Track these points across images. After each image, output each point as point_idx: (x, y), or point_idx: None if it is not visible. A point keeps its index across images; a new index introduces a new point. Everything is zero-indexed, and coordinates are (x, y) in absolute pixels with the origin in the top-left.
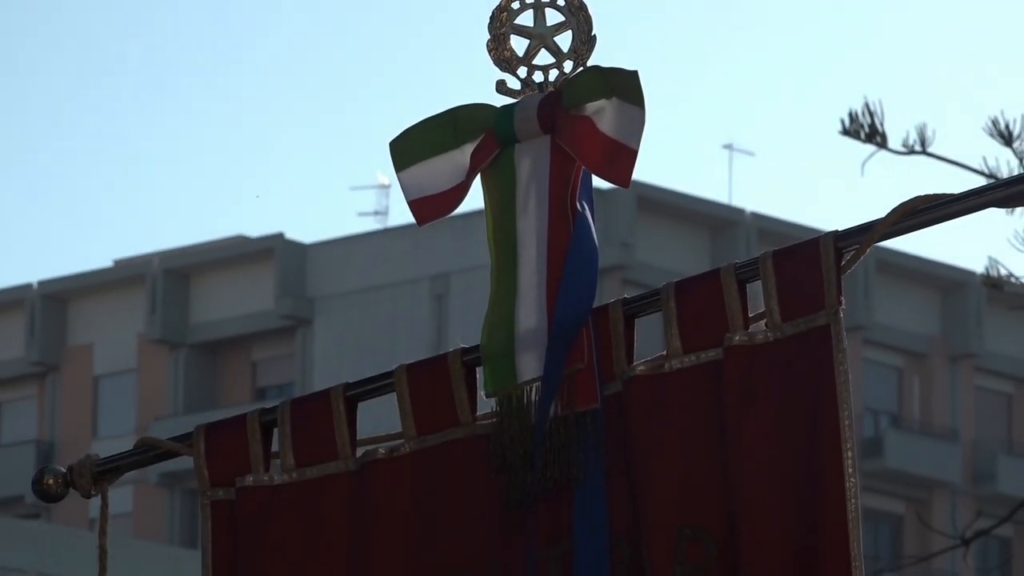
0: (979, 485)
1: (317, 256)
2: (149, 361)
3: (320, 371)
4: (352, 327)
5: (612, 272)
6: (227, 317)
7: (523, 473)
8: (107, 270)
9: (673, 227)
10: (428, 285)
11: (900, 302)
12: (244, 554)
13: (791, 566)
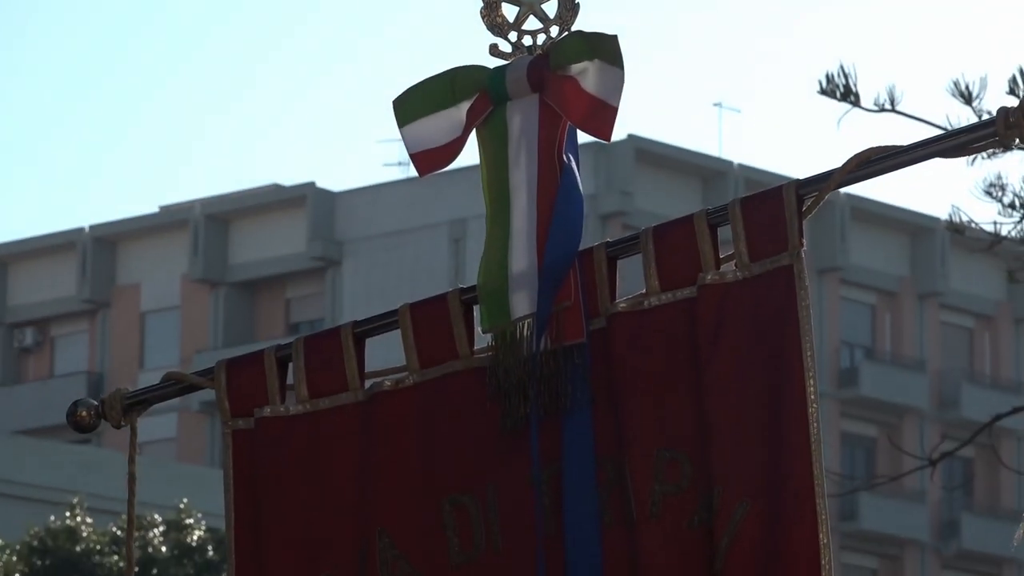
0: (944, 411)
1: (345, 203)
2: (191, 299)
3: (348, 308)
4: (377, 268)
5: (614, 218)
6: (263, 258)
7: (517, 401)
8: (153, 215)
9: (668, 177)
10: (447, 230)
11: (873, 246)
12: (262, 479)
13: (759, 483)
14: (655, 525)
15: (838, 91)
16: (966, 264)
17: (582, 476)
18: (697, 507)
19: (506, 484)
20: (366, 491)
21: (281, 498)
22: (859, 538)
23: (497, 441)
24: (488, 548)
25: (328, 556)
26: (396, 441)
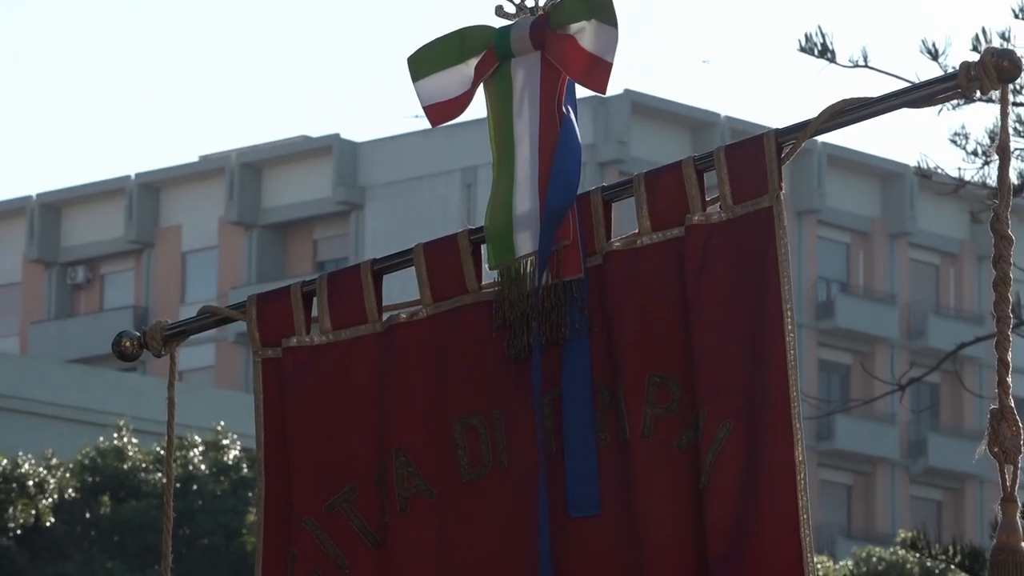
0: (913, 340)
1: (367, 152)
2: (227, 240)
3: (370, 248)
4: (396, 211)
5: (611, 165)
6: (292, 203)
7: (521, 332)
8: (193, 163)
9: (661, 128)
10: (459, 176)
11: (847, 190)
12: (289, 403)
13: (741, 405)
14: (647, 444)
15: (816, 49)
16: (933, 206)
17: (580, 400)
18: (685, 428)
19: (511, 407)
20: (384, 413)
21: (307, 420)
22: (835, 456)
23: (503, 368)
24: (495, 466)
25: (349, 472)
26: (411, 368)
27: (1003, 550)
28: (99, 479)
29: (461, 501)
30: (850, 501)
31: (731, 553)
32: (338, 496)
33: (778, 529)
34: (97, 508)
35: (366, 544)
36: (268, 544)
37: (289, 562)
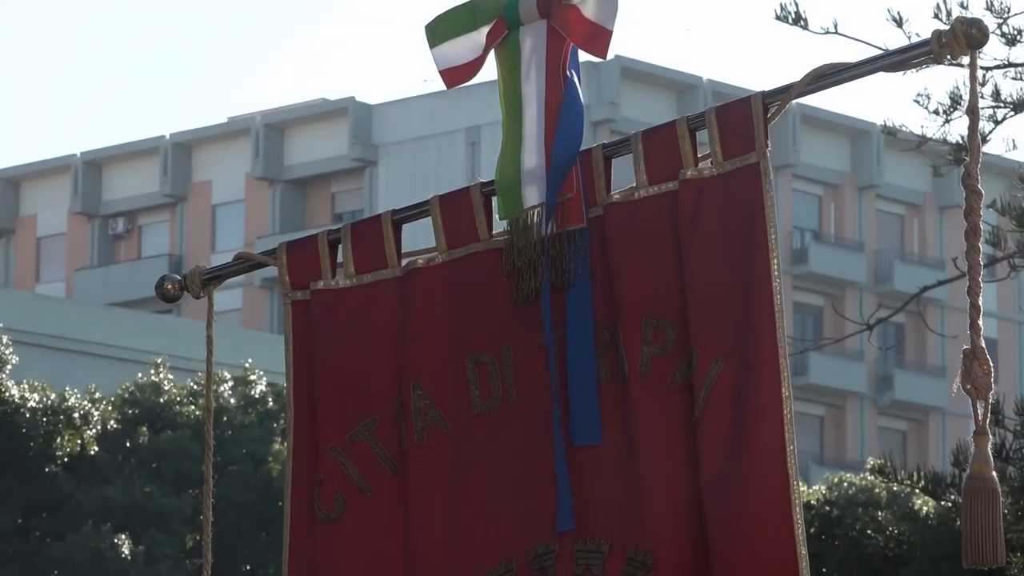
0: (880, 284)
1: (380, 113)
2: (253, 193)
3: (382, 201)
4: (406, 166)
5: (603, 124)
6: (312, 160)
7: (528, 277)
8: (221, 124)
9: (648, 90)
10: (464, 135)
11: (820, 146)
12: (316, 342)
13: (731, 345)
14: (644, 381)
15: (790, 17)
16: (898, 161)
17: (583, 340)
18: (679, 365)
19: (518, 346)
20: (403, 351)
21: (332, 357)
22: (808, 391)
23: (511, 310)
24: (504, 399)
25: (371, 404)
26: (427, 309)
27: (976, 479)
28: (138, 412)
29: (473, 432)
30: (823, 431)
31: (722, 479)
32: (361, 426)
33: (766, 458)
34: (136, 438)
35: (386, 470)
36: (297, 470)
37: (315, 486)
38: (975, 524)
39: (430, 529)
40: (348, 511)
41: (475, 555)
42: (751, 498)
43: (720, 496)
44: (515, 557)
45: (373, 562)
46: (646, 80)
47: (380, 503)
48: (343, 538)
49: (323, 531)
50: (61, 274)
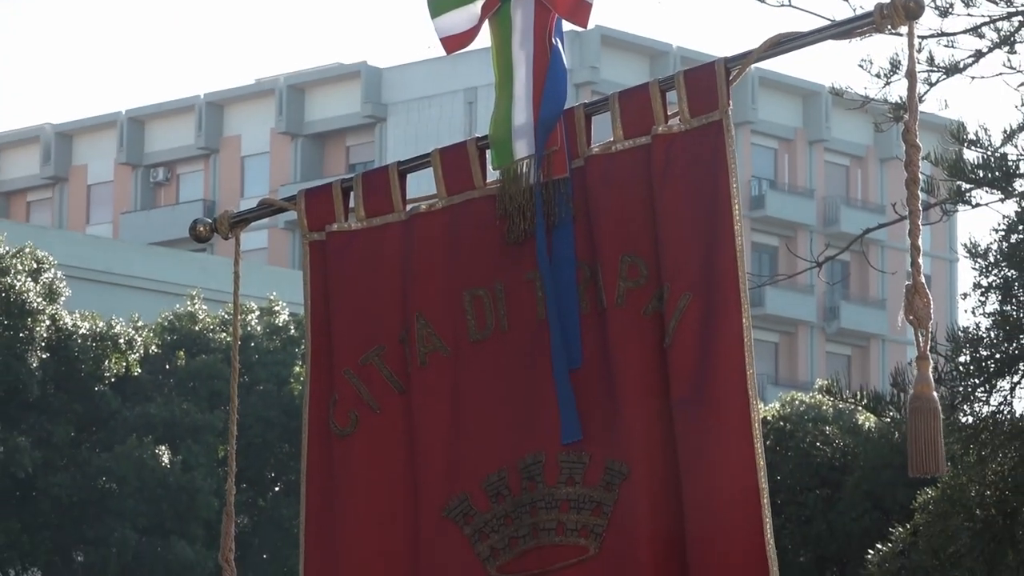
0: (828, 227)
1: (389, 76)
2: (277, 146)
3: (391, 153)
4: (412, 123)
5: (584, 86)
6: (329, 116)
7: (518, 220)
8: (249, 85)
9: (624, 56)
10: (462, 95)
11: (776, 105)
12: (331, 278)
13: (699, 280)
14: (620, 312)
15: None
16: (844, 118)
17: (566, 274)
18: (651, 298)
19: (510, 281)
20: (407, 286)
21: (345, 291)
22: (765, 320)
23: (503, 250)
24: (497, 328)
25: (380, 332)
26: (429, 248)
27: (919, 398)
28: (176, 338)
29: (470, 357)
30: (777, 356)
31: (691, 397)
32: (370, 351)
33: (729, 379)
34: (174, 361)
35: (393, 391)
36: (314, 391)
37: (331, 406)
38: (918, 438)
39: (432, 442)
40: (360, 427)
41: (472, 464)
42: (716, 415)
43: (688, 413)
44: (507, 466)
45: (382, 471)
46: (623, 47)
47: (388, 419)
48: (356, 451)
49: (338, 445)
50: (108, 217)
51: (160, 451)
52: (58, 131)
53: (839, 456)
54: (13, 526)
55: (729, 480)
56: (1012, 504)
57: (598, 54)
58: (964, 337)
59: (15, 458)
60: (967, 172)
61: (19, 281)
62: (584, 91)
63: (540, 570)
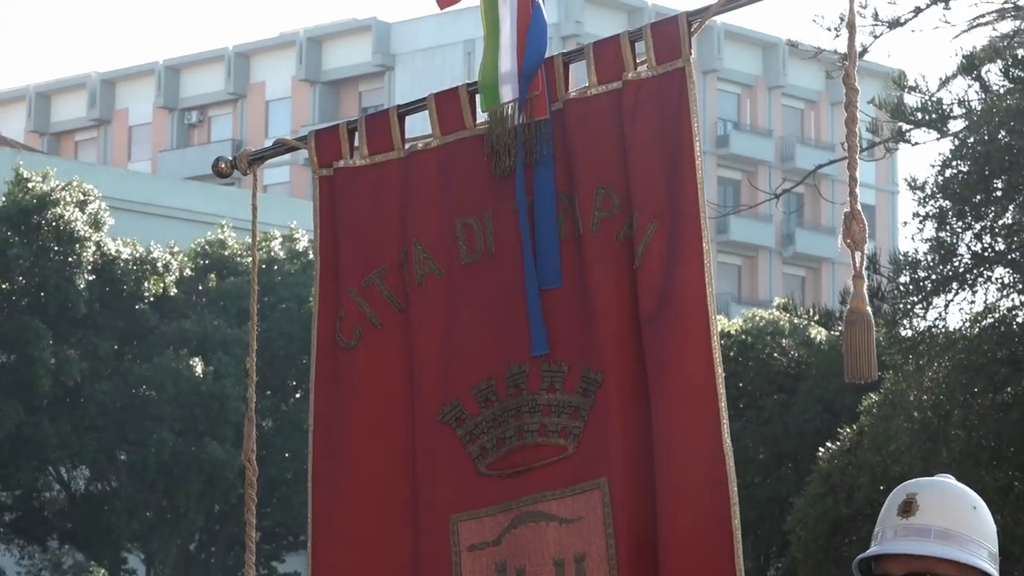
0: (785, 163)
1: (397, 30)
2: (298, 92)
3: (399, 98)
4: (417, 71)
5: (570, 38)
6: (344, 66)
7: (504, 157)
8: (273, 37)
9: (605, 11)
10: (462, 46)
11: (738, 55)
12: (338, 209)
13: (664, 210)
14: (595, 238)
15: None
16: (799, 67)
17: (547, 204)
18: (622, 226)
19: (497, 211)
20: (405, 215)
21: (351, 220)
22: (729, 245)
23: (491, 183)
24: (485, 253)
25: (382, 257)
26: (425, 182)
27: (854, 312)
28: (207, 262)
29: (461, 278)
30: (740, 277)
31: (657, 314)
32: (373, 274)
33: (691, 295)
34: (206, 283)
35: (393, 309)
36: (322, 308)
37: (337, 321)
38: (853, 348)
39: (428, 353)
40: (363, 340)
41: (464, 373)
42: (680, 326)
43: (655, 327)
44: (495, 375)
45: (383, 380)
46: (603, 3)
47: (388, 334)
48: (359, 362)
49: (343, 357)
50: (147, 155)
51: (194, 362)
52: (103, 78)
53: (794, 365)
54: (63, 429)
55: (691, 383)
56: (946, 407)
57: (582, 9)
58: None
59: (65, 368)
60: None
61: (68, 212)
62: (569, 43)
63: (525, 466)
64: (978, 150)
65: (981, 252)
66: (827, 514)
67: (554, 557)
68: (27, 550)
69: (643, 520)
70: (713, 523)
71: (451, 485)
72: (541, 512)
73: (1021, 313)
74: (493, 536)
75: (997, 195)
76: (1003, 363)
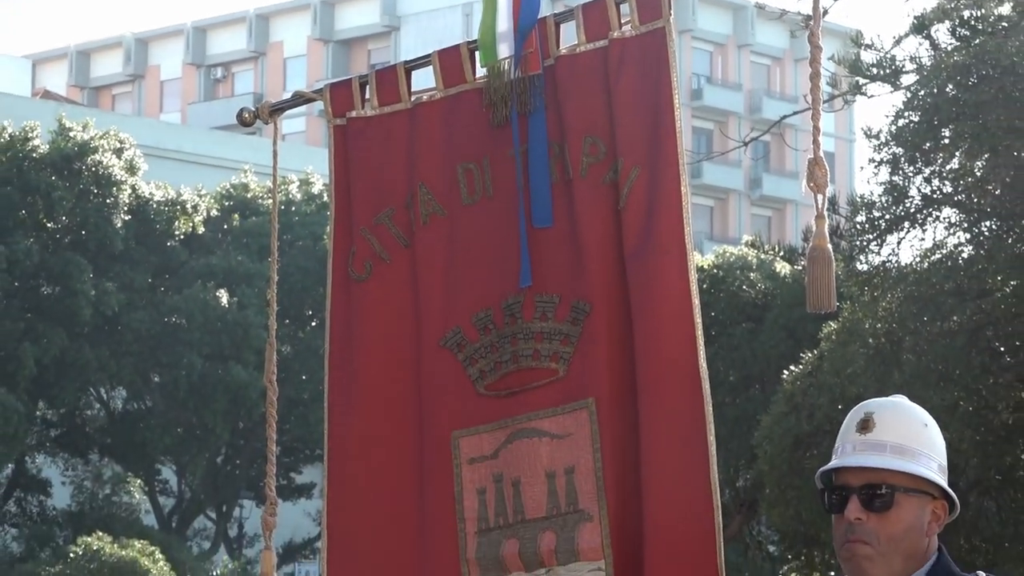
0: (753, 113)
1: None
2: (313, 50)
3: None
4: (422, 31)
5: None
6: (355, 26)
7: (501, 108)
8: (290, 1)
9: None
10: (461, 8)
11: (711, 16)
12: (351, 155)
13: (646, 157)
14: (583, 181)
15: None
16: (766, 27)
17: (539, 150)
18: (608, 170)
19: (494, 157)
20: (411, 160)
21: (362, 164)
22: (703, 188)
23: (489, 131)
24: (484, 194)
25: (390, 198)
26: (429, 130)
27: (816, 249)
28: (232, 203)
29: (463, 217)
30: (712, 217)
31: (641, 248)
32: (382, 213)
33: (670, 232)
34: (231, 222)
35: (400, 245)
36: (336, 244)
37: (350, 256)
38: (815, 281)
39: (431, 285)
40: (373, 273)
41: (464, 303)
42: (660, 260)
43: (638, 262)
44: (492, 305)
45: (391, 309)
46: None
47: (396, 268)
48: (370, 293)
49: (355, 288)
50: (178, 107)
51: (220, 294)
52: (137, 38)
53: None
54: (103, 353)
55: (670, 312)
56: (898, 334)
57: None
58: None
59: (104, 299)
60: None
61: (106, 158)
62: (560, 4)
63: (519, 388)
64: (928, 102)
65: (930, 194)
66: (790, 431)
67: (546, 469)
68: (71, 462)
69: (627, 436)
70: (690, 437)
71: (453, 404)
72: (534, 429)
73: (966, 249)
74: (491, 450)
75: (945, 143)
76: (949, 295)
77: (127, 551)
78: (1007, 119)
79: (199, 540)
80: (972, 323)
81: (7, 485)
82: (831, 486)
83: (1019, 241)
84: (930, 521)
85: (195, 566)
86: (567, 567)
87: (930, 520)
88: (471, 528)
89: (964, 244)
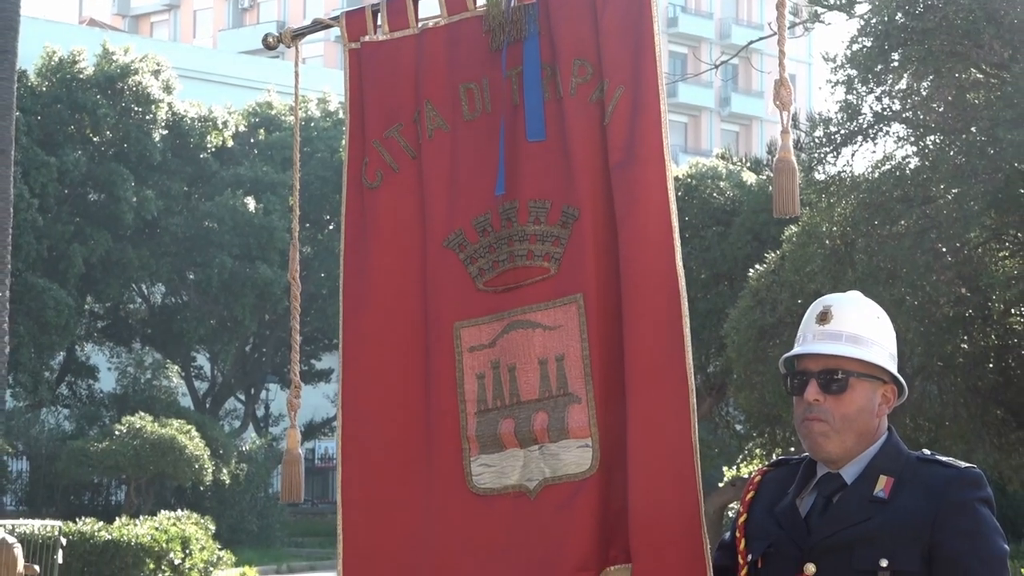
0: (723, 39)
1: None
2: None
3: None
4: None
5: None
6: None
7: (499, 34)
8: None
9: None
10: None
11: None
12: (364, 76)
13: (629, 76)
14: (573, 99)
15: None
16: None
17: (533, 72)
18: (595, 90)
19: (492, 78)
20: (418, 80)
21: (374, 83)
22: (678, 107)
23: (488, 55)
24: (483, 110)
25: (399, 114)
26: (434, 52)
27: (782, 161)
28: (258, 120)
29: (464, 131)
30: (686, 132)
31: (624, 160)
32: (392, 128)
33: (651, 144)
34: (257, 136)
35: (408, 156)
36: (351, 155)
37: (363, 166)
38: (781, 189)
39: (436, 192)
40: (384, 182)
41: (465, 208)
42: (641, 170)
43: (621, 172)
44: (490, 210)
45: (400, 214)
46: None
47: (405, 176)
48: (381, 199)
49: (368, 195)
50: (209, 33)
51: (247, 201)
52: None
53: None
54: (143, 253)
55: (650, 215)
56: (851, 237)
57: None
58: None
59: (144, 205)
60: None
61: (145, 79)
62: None
63: (515, 284)
64: (879, 29)
65: (881, 112)
66: (755, 322)
67: (539, 357)
68: (116, 351)
69: (611, 327)
70: (668, 325)
71: (455, 298)
72: (528, 321)
73: (913, 161)
74: (489, 340)
75: (894, 65)
76: (898, 201)
77: (166, 429)
78: (950, 44)
79: (230, 419)
80: (917, 227)
81: (59, 371)
82: (793, 371)
83: (960, 153)
84: (880, 403)
85: (226, 443)
86: (558, 443)
87: (880, 402)
88: (471, 409)
89: (911, 156)
